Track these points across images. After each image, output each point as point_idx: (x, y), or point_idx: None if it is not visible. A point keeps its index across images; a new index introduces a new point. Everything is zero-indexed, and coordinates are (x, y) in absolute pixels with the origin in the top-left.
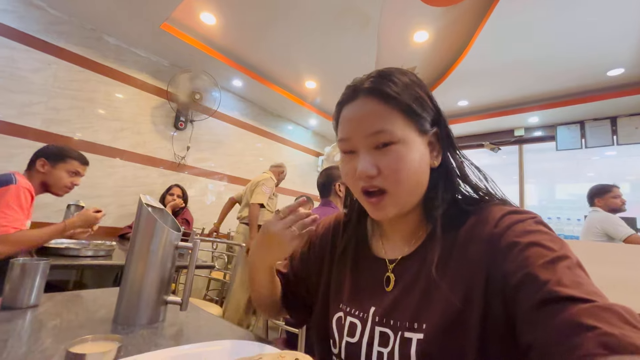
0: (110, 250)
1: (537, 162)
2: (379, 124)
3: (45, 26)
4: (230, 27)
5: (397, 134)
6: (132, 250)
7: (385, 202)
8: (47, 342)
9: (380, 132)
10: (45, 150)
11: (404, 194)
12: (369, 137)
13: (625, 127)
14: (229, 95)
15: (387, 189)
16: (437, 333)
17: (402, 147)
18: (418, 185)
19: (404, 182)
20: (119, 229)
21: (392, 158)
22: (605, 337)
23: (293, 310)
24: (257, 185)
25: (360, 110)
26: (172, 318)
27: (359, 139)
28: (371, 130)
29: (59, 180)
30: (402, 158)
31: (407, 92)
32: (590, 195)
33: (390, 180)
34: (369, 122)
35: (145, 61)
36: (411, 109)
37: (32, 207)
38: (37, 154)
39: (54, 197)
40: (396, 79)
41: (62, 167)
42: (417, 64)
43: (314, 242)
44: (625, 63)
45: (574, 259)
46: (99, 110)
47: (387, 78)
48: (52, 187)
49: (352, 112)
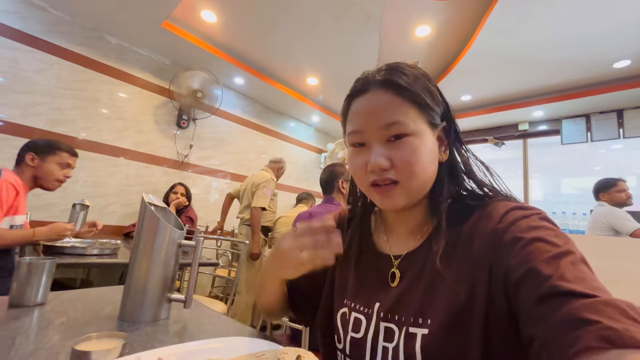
0: (116, 248)
1: (541, 157)
2: (393, 115)
3: (47, 26)
4: (231, 24)
5: (411, 126)
6: (135, 249)
7: (395, 192)
8: (53, 340)
9: (395, 123)
10: (33, 144)
11: (415, 186)
12: (382, 129)
13: (632, 119)
14: (230, 93)
15: (400, 180)
16: (441, 328)
17: (415, 139)
18: (428, 179)
19: (417, 175)
20: (124, 227)
21: (405, 150)
22: (607, 331)
23: (299, 312)
24: (258, 188)
25: (372, 102)
26: (176, 315)
27: (372, 131)
28: (385, 122)
29: (51, 173)
30: (416, 150)
31: (418, 84)
32: (595, 190)
33: (403, 173)
34: (382, 114)
35: (147, 60)
36: (424, 101)
37: (21, 202)
38: (24, 148)
39: (59, 196)
40: (407, 71)
41: (52, 160)
42: (420, 58)
43: None
44: (632, 55)
45: (578, 255)
46: (102, 110)
47: (398, 70)
48: (44, 180)
49: (364, 105)
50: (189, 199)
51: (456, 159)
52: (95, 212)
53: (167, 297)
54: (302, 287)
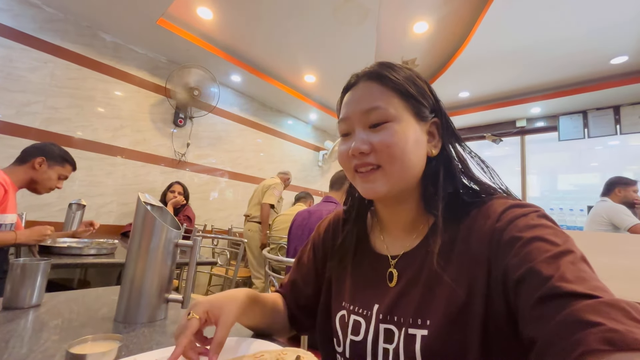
0: (113, 248)
1: (539, 153)
2: (374, 101)
3: (40, 24)
4: (228, 21)
5: (391, 112)
6: (131, 249)
7: (376, 175)
8: (48, 342)
9: (375, 109)
10: (47, 150)
11: (397, 171)
12: (364, 115)
13: (629, 116)
14: (227, 91)
15: (381, 164)
16: (440, 329)
17: (396, 125)
18: (412, 166)
19: (397, 158)
20: (121, 226)
21: (385, 134)
22: (609, 334)
23: (301, 327)
24: (268, 188)
25: (358, 92)
26: (174, 316)
27: (355, 118)
28: (366, 107)
29: (49, 181)
30: (395, 134)
31: (405, 78)
32: (611, 183)
33: (383, 155)
34: (364, 101)
35: (143, 58)
36: (408, 91)
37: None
38: (35, 150)
39: (55, 196)
40: (396, 67)
41: (57, 170)
42: (418, 55)
43: (317, 245)
44: (629, 50)
45: (578, 254)
46: (98, 109)
47: (387, 65)
48: (40, 185)
49: (352, 95)
50: (186, 197)
51: (450, 155)
52: (92, 212)
53: (164, 297)
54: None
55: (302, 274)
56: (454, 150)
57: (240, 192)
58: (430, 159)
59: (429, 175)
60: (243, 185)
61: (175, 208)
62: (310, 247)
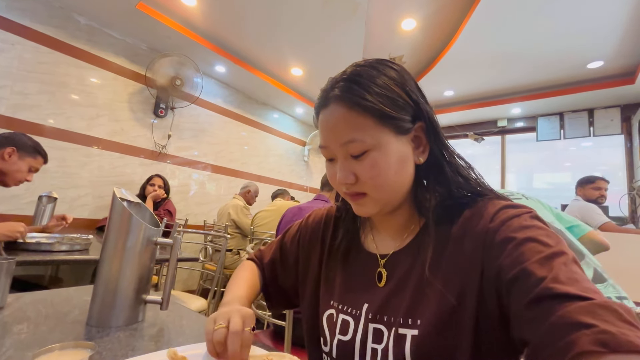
0: (87, 244)
1: (518, 152)
2: (349, 133)
3: (7, 2)
4: (213, 9)
5: (368, 142)
6: (105, 247)
7: (365, 201)
8: (10, 351)
9: (351, 142)
10: (18, 140)
11: (385, 196)
12: (342, 146)
13: (601, 119)
14: (211, 82)
15: (367, 192)
16: (431, 329)
17: (376, 153)
18: (400, 186)
19: (382, 186)
20: (97, 220)
21: (366, 165)
22: (603, 335)
23: (272, 300)
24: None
25: (331, 117)
26: (152, 318)
27: (335, 147)
28: (342, 140)
29: (18, 173)
30: (377, 164)
31: (378, 96)
32: (577, 184)
33: (368, 185)
34: (338, 131)
35: (121, 44)
36: (383, 113)
37: None
38: (6, 141)
39: (24, 188)
40: (366, 81)
41: (28, 161)
42: (405, 52)
43: (304, 234)
44: (605, 55)
45: (570, 255)
46: (72, 96)
47: (356, 83)
48: (8, 177)
49: (325, 120)
50: (167, 191)
51: (439, 157)
52: (64, 205)
53: (141, 298)
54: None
55: (283, 257)
56: (441, 151)
57: (223, 186)
58: (419, 165)
59: (419, 181)
60: (226, 179)
61: (155, 202)
62: (296, 233)
